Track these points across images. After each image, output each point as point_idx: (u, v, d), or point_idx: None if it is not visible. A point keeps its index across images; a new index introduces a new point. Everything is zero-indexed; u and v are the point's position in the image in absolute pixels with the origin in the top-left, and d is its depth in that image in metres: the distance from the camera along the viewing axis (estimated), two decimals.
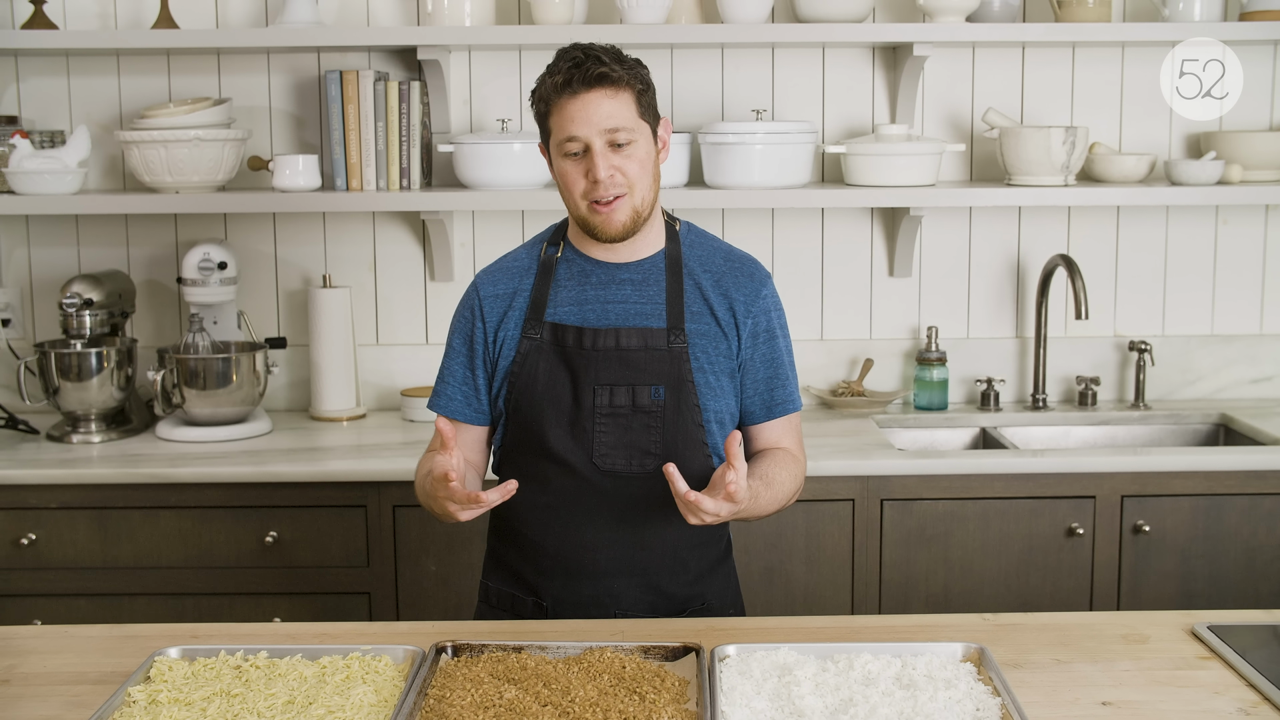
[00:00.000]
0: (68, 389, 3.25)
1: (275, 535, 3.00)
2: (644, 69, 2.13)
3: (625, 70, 2.08)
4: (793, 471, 2.19)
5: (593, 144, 2.06)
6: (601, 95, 2.06)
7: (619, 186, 2.08)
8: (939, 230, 3.60)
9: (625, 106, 2.07)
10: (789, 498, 2.18)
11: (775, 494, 2.13)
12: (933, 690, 1.75)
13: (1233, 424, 3.44)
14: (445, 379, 2.24)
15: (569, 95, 2.06)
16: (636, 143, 2.09)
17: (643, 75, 2.12)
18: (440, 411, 2.24)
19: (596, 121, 2.06)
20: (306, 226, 3.58)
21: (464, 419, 2.23)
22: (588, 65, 2.05)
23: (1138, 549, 3.04)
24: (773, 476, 2.13)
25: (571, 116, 2.07)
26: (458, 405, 2.22)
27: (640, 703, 1.73)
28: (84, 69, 3.52)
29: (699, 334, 2.17)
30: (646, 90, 2.12)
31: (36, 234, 3.57)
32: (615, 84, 2.06)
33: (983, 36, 3.30)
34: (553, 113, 2.10)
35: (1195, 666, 1.91)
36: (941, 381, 3.52)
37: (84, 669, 1.93)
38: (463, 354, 2.22)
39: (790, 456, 2.22)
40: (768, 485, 2.10)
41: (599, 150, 2.06)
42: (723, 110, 3.55)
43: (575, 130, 2.07)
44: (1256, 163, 3.45)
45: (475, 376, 2.21)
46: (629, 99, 2.08)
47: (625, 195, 2.09)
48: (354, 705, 1.74)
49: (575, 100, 2.06)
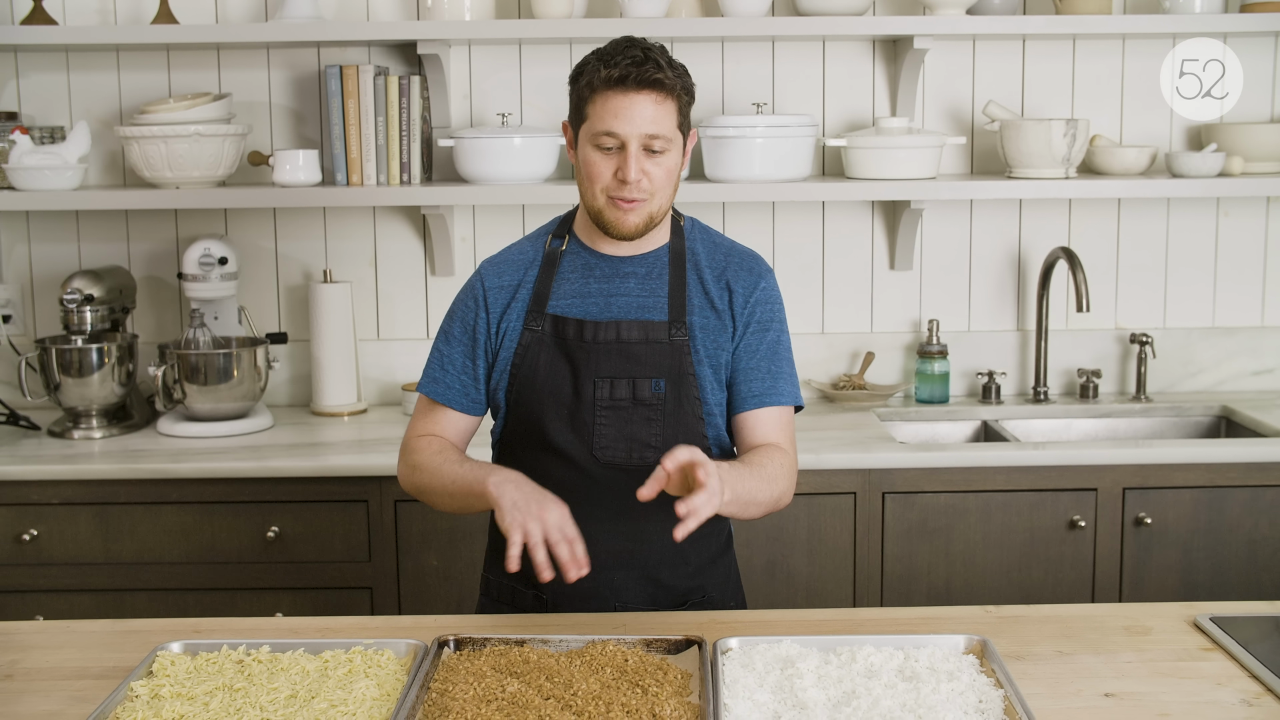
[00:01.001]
0: (69, 385, 3.25)
1: (277, 530, 3.00)
2: (690, 77, 2.12)
3: (678, 79, 2.07)
4: (781, 462, 2.11)
5: (629, 144, 2.05)
6: (650, 99, 2.05)
7: (643, 192, 2.08)
8: (940, 223, 3.60)
9: (668, 115, 2.07)
10: (781, 490, 2.09)
11: (763, 480, 2.04)
12: (935, 682, 1.75)
13: (1234, 416, 3.44)
14: (444, 365, 2.22)
15: (619, 91, 2.04)
16: (670, 152, 2.08)
17: (688, 85, 2.11)
18: (436, 398, 2.21)
19: (640, 124, 2.04)
20: (307, 221, 3.58)
21: (459, 408, 2.21)
22: (647, 67, 2.04)
23: (1139, 541, 3.04)
24: (756, 461, 2.07)
25: (615, 113, 2.05)
26: (455, 394, 2.21)
27: (643, 695, 1.73)
28: (84, 64, 3.52)
29: (700, 327, 2.17)
30: (690, 101, 2.12)
31: (37, 230, 3.57)
32: (666, 91, 2.05)
33: (983, 29, 3.30)
34: (595, 100, 2.07)
35: (1198, 658, 1.91)
36: (943, 374, 3.52)
37: (86, 664, 1.93)
38: (464, 342, 2.21)
39: (779, 450, 2.15)
40: (752, 470, 2.03)
41: (634, 152, 2.05)
42: (723, 104, 3.54)
43: (617, 127, 2.05)
44: (1258, 154, 3.45)
45: (475, 366, 2.20)
46: (673, 108, 2.07)
47: (645, 201, 2.09)
48: (356, 699, 1.74)
49: (625, 98, 2.04)
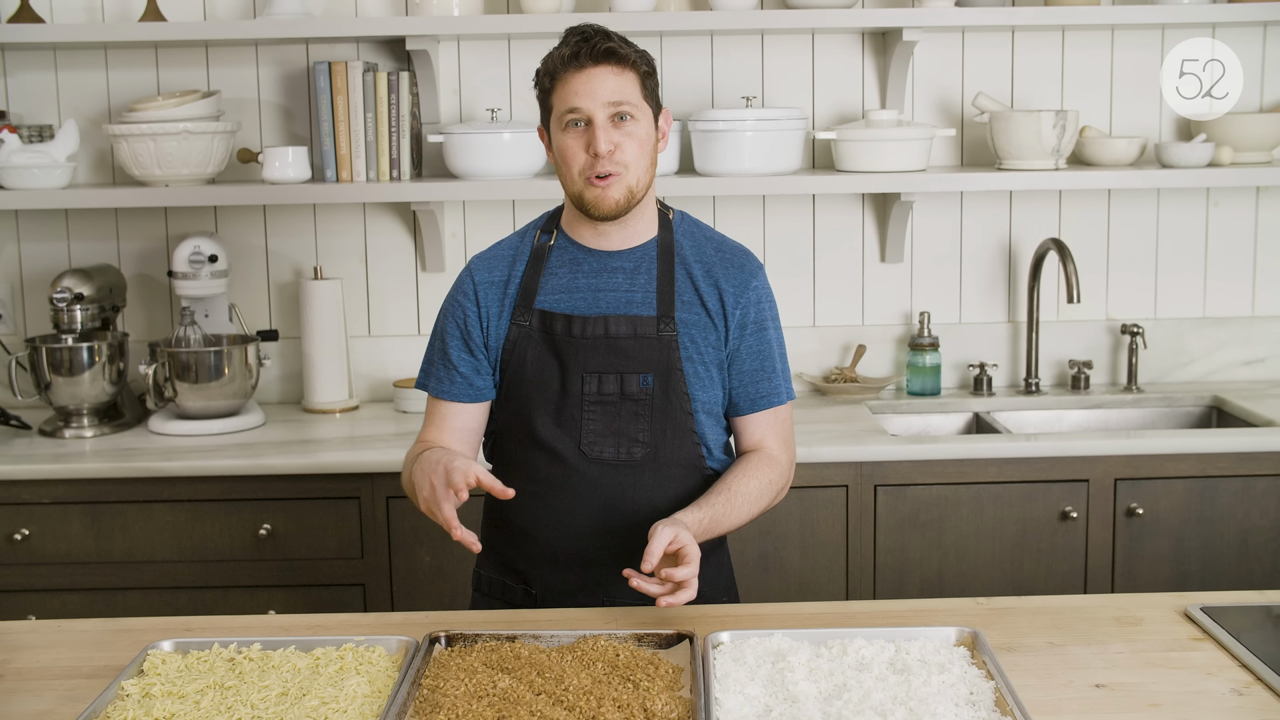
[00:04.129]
0: (59, 384, 3.24)
1: (269, 528, 3.00)
2: (650, 56, 2.15)
3: (632, 50, 2.11)
4: (768, 478, 2.18)
5: (595, 117, 2.07)
6: (607, 71, 2.08)
7: (617, 165, 2.09)
8: (930, 215, 3.60)
9: (630, 85, 2.09)
10: (765, 506, 2.19)
11: (742, 508, 2.14)
12: (926, 675, 1.75)
13: (1225, 406, 3.44)
14: (444, 363, 2.21)
15: (575, 68, 2.08)
16: (638, 120, 2.10)
17: (648, 59, 2.14)
18: (442, 395, 2.21)
19: (601, 95, 2.07)
20: (297, 218, 3.57)
21: (466, 399, 2.21)
22: (596, 40, 2.08)
23: (1131, 532, 3.05)
24: (737, 489, 2.14)
25: (576, 90, 2.08)
26: (460, 388, 2.20)
27: (634, 690, 1.73)
28: (72, 63, 3.51)
29: (689, 323, 2.17)
30: (651, 74, 2.14)
31: (26, 229, 3.56)
32: (621, 62, 2.08)
33: (972, 21, 3.30)
34: (557, 87, 2.11)
35: (1189, 648, 1.91)
36: (934, 367, 3.52)
37: (78, 663, 1.93)
38: (458, 337, 2.21)
39: (766, 460, 2.21)
40: (731, 501, 2.12)
41: (600, 123, 2.07)
42: (713, 97, 3.54)
43: (579, 102, 2.08)
44: (1247, 144, 3.45)
45: (476, 359, 2.20)
46: (634, 79, 2.10)
47: (621, 174, 2.10)
48: (348, 696, 1.74)
49: (581, 74, 2.07)
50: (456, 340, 2.21)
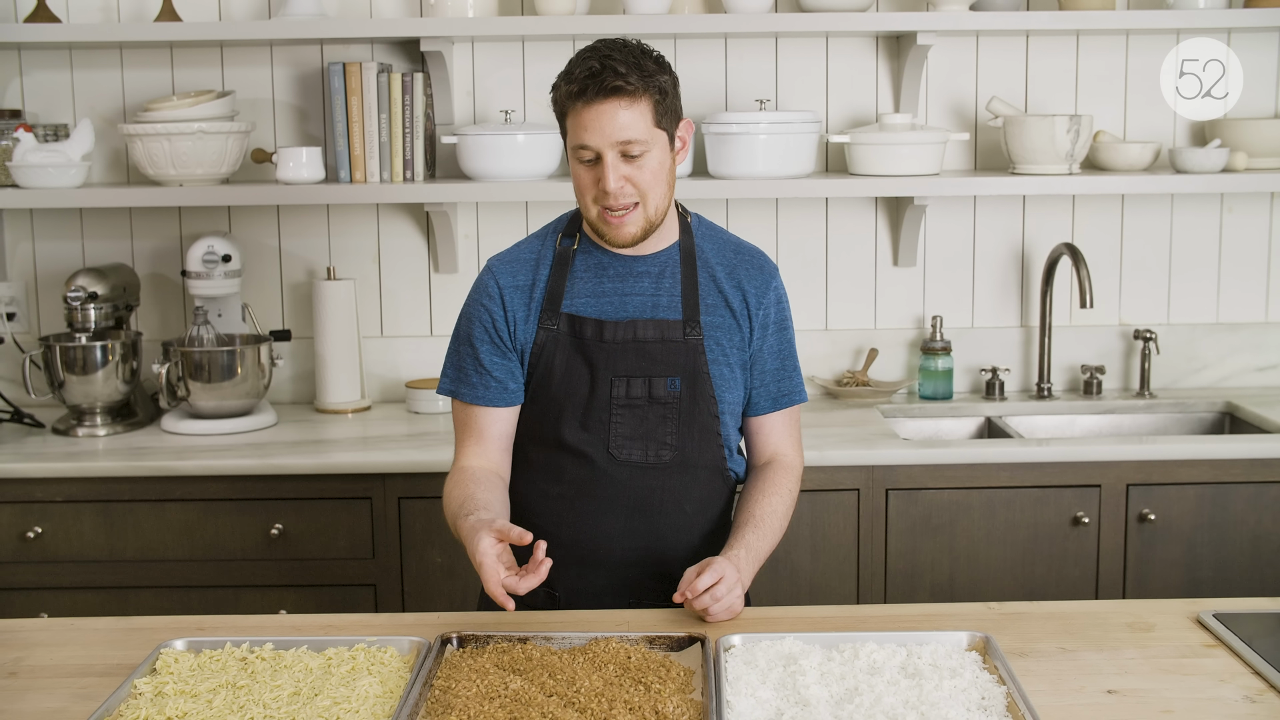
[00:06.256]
0: (73, 382, 3.25)
1: (281, 528, 3.00)
2: (664, 74, 2.08)
3: (642, 80, 2.04)
4: (786, 488, 2.23)
5: (604, 155, 2.04)
6: (616, 106, 2.02)
7: (629, 196, 2.07)
8: (943, 219, 3.59)
9: (641, 117, 2.04)
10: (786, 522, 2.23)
11: (776, 530, 2.19)
12: (938, 679, 1.75)
13: (1238, 412, 3.43)
14: (477, 368, 2.18)
15: (583, 104, 2.04)
16: (650, 153, 2.06)
17: (660, 83, 2.07)
18: (476, 401, 2.18)
19: (610, 133, 2.03)
20: (310, 219, 3.58)
21: (501, 403, 2.19)
22: (604, 76, 2.01)
23: (1143, 537, 3.04)
24: (762, 514, 2.18)
25: (585, 125, 2.04)
26: (495, 392, 2.18)
27: (645, 693, 1.73)
28: (87, 62, 3.52)
29: (714, 326, 2.18)
30: (664, 97, 2.07)
31: (41, 228, 3.57)
32: (630, 95, 2.03)
33: (986, 25, 3.29)
34: (568, 115, 2.08)
35: (1201, 654, 1.91)
36: (946, 371, 3.51)
37: (90, 661, 1.93)
38: (488, 341, 2.18)
39: (782, 471, 2.24)
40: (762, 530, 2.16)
41: (610, 162, 2.04)
42: (726, 100, 3.54)
43: (588, 140, 2.04)
44: (1261, 150, 3.44)
45: (508, 360, 2.18)
46: (645, 108, 2.05)
47: (638, 205, 2.08)
48: (359, 696, 1.74)
49: (589, 109, 2.03)
50: (487, 344, 2.18)
